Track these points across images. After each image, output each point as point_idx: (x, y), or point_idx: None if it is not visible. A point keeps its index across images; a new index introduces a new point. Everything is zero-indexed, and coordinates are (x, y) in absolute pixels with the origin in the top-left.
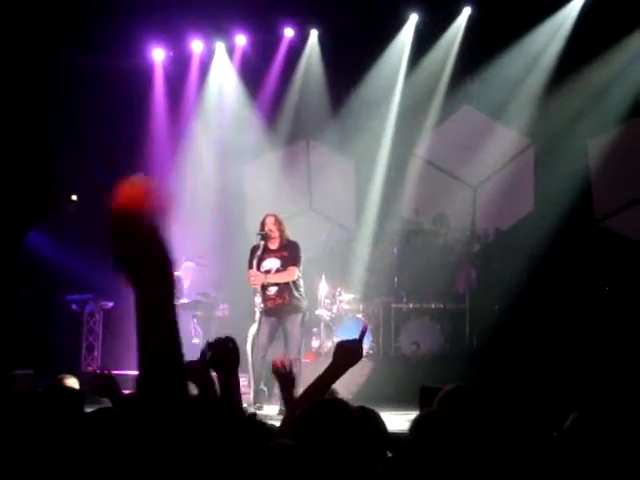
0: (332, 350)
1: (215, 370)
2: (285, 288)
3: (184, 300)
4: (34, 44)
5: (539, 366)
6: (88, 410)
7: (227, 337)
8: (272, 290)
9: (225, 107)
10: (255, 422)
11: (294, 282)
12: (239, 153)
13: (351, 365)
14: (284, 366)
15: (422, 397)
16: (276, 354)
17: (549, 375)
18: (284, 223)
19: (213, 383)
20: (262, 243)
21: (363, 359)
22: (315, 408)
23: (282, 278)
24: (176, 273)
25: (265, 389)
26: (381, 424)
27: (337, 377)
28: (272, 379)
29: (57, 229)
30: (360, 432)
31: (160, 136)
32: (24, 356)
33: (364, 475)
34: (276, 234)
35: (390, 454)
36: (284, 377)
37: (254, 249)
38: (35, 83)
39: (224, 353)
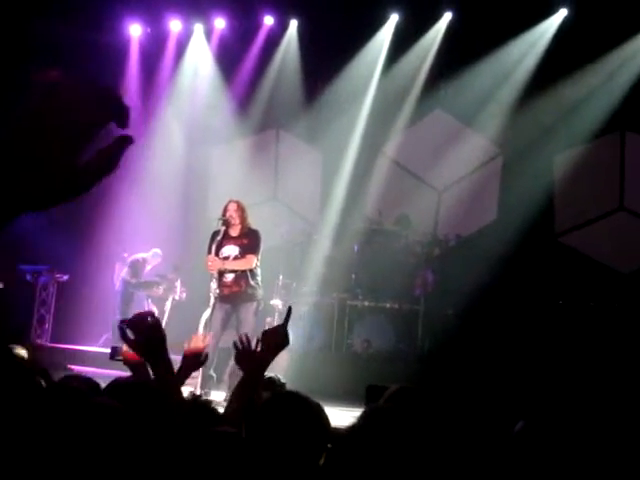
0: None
1: (139, 352)
2: (242, 276)
3: (141, 280)
4: (11, 13)
5: (488, 372)
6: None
7: (146, 311)
8: (229, 277)
9: (198, 89)
10: (199, 404)
11: (251, 270)
12: (208, 137)
13: (279, 350)
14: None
15: (368, 396)
16: (227, 341)
17: (496, 382)
18: (247, 210)
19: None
20: (222, 229)
21: (314, 352)
22: (277, 399)
23: (240, 265)
24: (143, 255)
25: (214, 375)
26: (325, 417)
27: (267, 364)
28: (222, 365)
29: None
30: (308, 424)
31: (130, 113)
32: None
33: (305, 467)
34: (237, 221)
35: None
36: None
37: (214, 234)
38: (9, 52)
39: (143, 330)
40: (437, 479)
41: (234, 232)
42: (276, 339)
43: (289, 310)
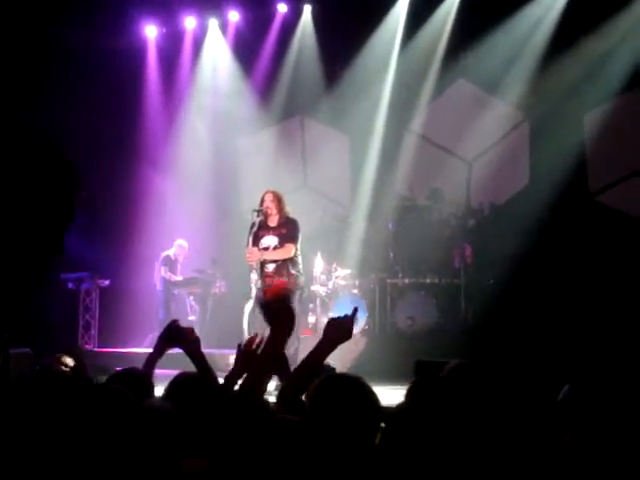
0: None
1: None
2: (283, 265)
3: (179, 277)
4: (28, 22)
5: (534, 339)
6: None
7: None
8: (270, 267)
9: (219, 83)
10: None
11: (291, 259)
12: (233, 130)
13: (341, 342)
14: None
15: (417, 371)
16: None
17: (544, 348)
18: (284, 199)
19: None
20: (259, 219)
21: (359, 335)
22: (328, 383)
23: (279, 255)
24: (168, 252)
25: None
26: (375, 396)
27: (327, 353)
28: None
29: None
30: (359, 405)
31: (154, 113)
32: (22, 335)
33: (362, 447)
34: (274, 211)
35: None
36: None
37: (252, 226)
38: (29, 62)
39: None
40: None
41: (272, 222)
42: (340, 332)
43: (355, 310)
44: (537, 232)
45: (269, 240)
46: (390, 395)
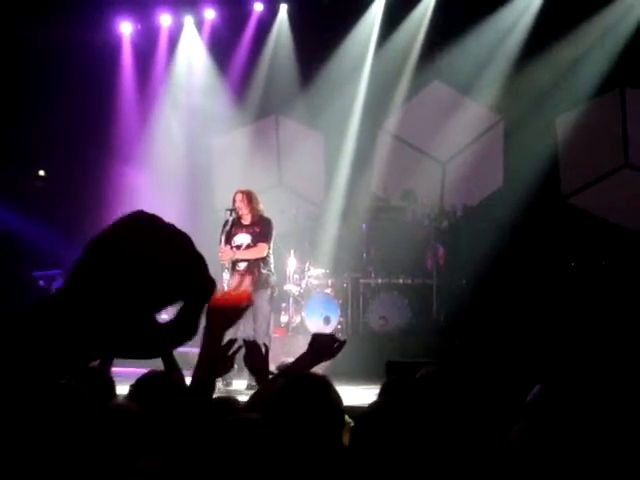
0: (299, 325)
1: None
2: (254, 264)
3: None
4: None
5: (505, 341)
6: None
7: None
8: (241, 265)
9: (194, 82)
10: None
11: (263, 258)
12: (208, 128)
13: (324, 359)
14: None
15: (388, 371)
16: (246, 330)
17: (515, 349)
18: (256, 198)
19: None
20: (231, 218)
21: (331, 333)
22: (297, 382)
23: (251, 254)
24: None
25: (235, 364)
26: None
27: (310, 367)
28: (242, 354)
29: (24, 204)
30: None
31: (129, 110)
32: None
33: (324, 447)
34: (245, 210)
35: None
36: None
37: (224, 224)
38: (1, 59)
39: None
40: (457, 452)
41: (246, 220)
42: (325, 349)
43: (343, 342)
44: (510, 234)
45: (242, 238)
46: (361, 395)
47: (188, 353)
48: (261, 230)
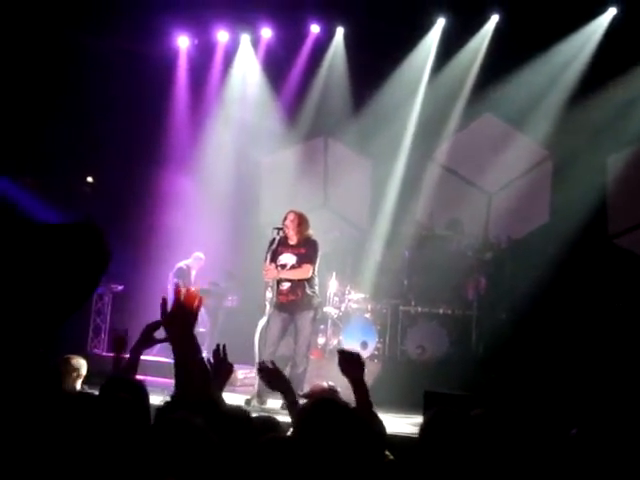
0: (337, 348)
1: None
2: (299, 284)
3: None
4: (62, 30)
5: (544, 377)
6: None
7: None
8: (285, 285)
9: (247, 99)
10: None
11: (308, 279)
12: (258, 145)
13: (359, 375)
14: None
15: (426, 401)
16: (284, 349)
17: (553, 387)
18: (307, 221)
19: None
20: (278, 237)
21: (367, 359)
22: (313, 406)
23: (295, 275)
24: (186, 262)
25: None
26: (379, 424)
27: (363, 390)
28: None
29: (72, 210)
30: (356, 431)
31: (181, 122)
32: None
33: (361, 474)
34: (291, 232)
35: (391, 456)
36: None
37: (272, 242)
38: (62, 67)
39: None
40: None
41: (292, 240)
42: (351, 366)
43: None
44: (553, 270)
45: (287, 258)
46: (397, 423)
47: (237, 370)
48: (307, 252)
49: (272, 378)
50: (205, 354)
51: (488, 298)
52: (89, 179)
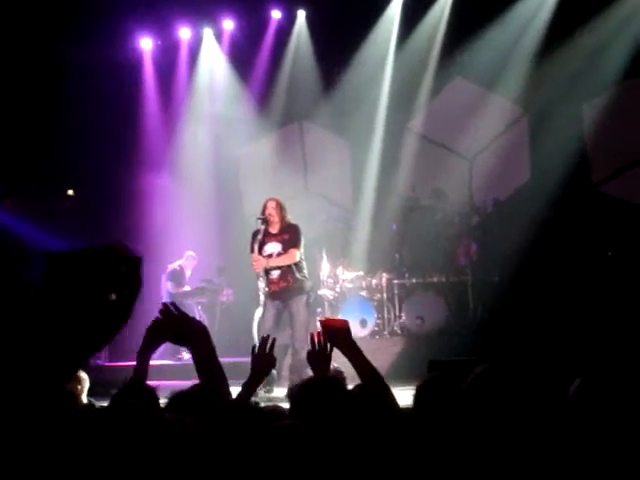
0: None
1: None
2: (288, 271)
3: (187, 288)
4: (23, 39)
5: (543, 334)
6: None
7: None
8: (275, 274)
9: (216, 93)
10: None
11: (296, 264)
12: (233, 137)
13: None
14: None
15: (430, 371)
16: (283, 337)
17: (553, 342)
18: (285, 206)
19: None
20: (263, 227)
21: (368, 336)
22: (308, 386)
23: (284, 261)
24: (179, 262)
25: (274, 372)
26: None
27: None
28: (280, 362)
29: (54, 224)
30: (357, 408)
31: (154, 124)
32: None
33: (369, 450)
34: (276, 218)
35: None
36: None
37: (255, 233)
38: (26, 78)
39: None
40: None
41: (274, 229)
42: (264, 364)
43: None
44: (541, 226)
45: (272, 247)
46: (404, 396)
47: (224, 363)
48: (290, 237)
49: (259, 358)
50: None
51: (480, 262)
52: (70, 192)
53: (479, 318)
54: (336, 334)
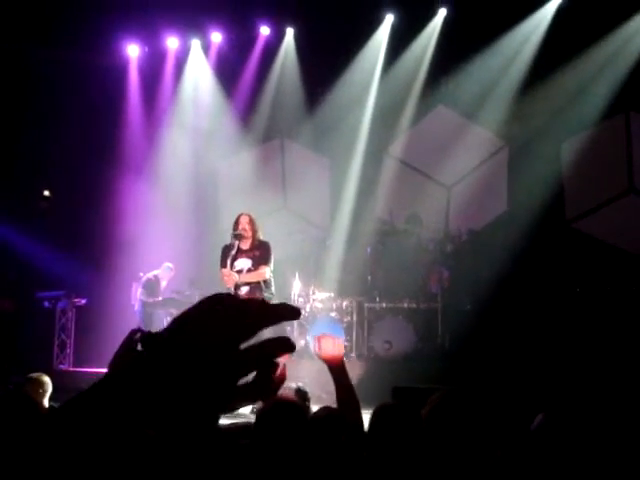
0: (304, 349)
1: None
2: (256, 287)
3: (158, 299)
4: (8, 41)
5: (510, 365)
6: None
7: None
8: (243, 290)
9: (200, 104)
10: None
11: (265, 281)
12: (214, 150)
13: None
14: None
15: (394, 397)
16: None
17: (519, 374)
18: (257, 223)
19: None
20: (236, 243)
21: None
22: (270, 409)
23: (254, 277)
24: (155, 272)
25: None
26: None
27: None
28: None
29: (29, 225)
30: (317, 432)
31: (136, 133)
32: None
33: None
34: (249, 234)
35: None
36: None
37: (227, 248)
38: (9, 80)
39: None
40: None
41: (245, 245)
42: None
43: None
44: (514, 258)
45: (242, 263)
46: (366, 421)
47: None
48: (261, 254)
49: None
50: None
51: (452, 290)
52: (46, 193)
53: (447, 346)
54: (331, 357)
